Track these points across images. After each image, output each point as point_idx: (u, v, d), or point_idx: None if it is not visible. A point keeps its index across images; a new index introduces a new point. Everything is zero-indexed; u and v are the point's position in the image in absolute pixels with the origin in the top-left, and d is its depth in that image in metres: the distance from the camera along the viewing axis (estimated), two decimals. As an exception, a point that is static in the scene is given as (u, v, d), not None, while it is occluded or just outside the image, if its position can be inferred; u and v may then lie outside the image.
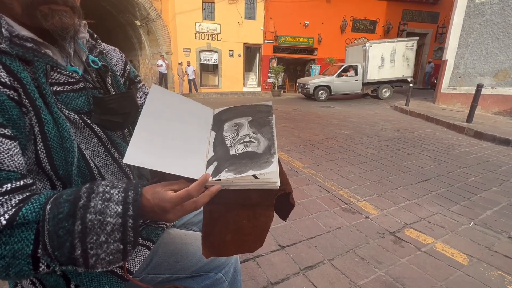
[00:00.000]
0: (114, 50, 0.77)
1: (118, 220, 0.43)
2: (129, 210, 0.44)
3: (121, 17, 14.11)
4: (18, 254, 0.41)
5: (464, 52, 7.51)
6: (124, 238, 0.44)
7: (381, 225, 1.96)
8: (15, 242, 0.40)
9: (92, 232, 0.42)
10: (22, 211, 0.41)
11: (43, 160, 0.49)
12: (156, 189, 0.48)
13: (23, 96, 0.47)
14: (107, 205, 0.44)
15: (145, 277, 0.66)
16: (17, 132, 0.46)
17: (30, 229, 0.42)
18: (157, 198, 0.47)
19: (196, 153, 0.56)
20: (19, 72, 0.47)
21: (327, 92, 10.75)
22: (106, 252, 0.43)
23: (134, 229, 0.44)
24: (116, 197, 0.45)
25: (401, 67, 10.98)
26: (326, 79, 10.78)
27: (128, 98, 0.67)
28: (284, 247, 1.69)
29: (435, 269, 1.52)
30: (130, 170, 0.67)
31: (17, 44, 0.48)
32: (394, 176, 2.90)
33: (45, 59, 0.52)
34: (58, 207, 0.42)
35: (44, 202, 0.44)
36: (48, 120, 0.49)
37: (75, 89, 0.57)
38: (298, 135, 4.77)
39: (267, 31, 13.83)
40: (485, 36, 7.03)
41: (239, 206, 0.60)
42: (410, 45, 10.80)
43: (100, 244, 0.43)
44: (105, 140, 0.62)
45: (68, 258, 0.42)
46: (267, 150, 0.55)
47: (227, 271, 0.72)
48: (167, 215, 0.48)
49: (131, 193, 0.46)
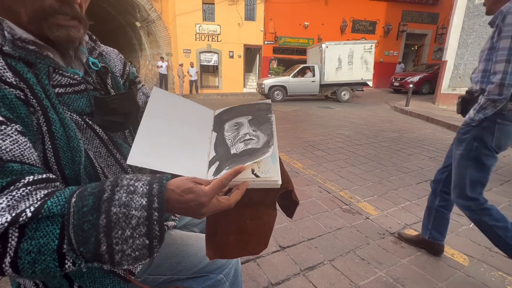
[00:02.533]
0: (113, 52, 0.77)
1: (143, 213, 0.42)
2: (154, 202, 0.43)
3: (122, 18, 14.13)
4: (44, 249, 0.40)
5: (464, 53, 7.52)
6: (149, 232, 0.42)
7: (381, 225, 1.96)
8: (40, 237, 0.39)
9: (117, 226, 0.41)
10: (48, 204, 0.41)
11: (50, 159, 0.50)
12: (186, 183, 0.46)
13: (30, 96, 0.47)
14: (131, 197, 0.43)
15: (146, 278, 0.66)
16: (26, 130, 0.46)
17: (56, 223, 0.41)
18: (193, 193, 0.45)
19: (198, 154, 0.57)
20: (24, 73, 0.48)
21: (283, 93, 10.65)
22: (132, 248, 0.42)
23: (159, 222, 0.43)
24: (141, 189, 0.44)
25: (360, 69, 10.78)
26: (282, 79, 10.73)
27: (129, 98, 0.68)
28: (285, 248, 1.69)
29: (435, 270, 1.52)
30: (132, 171, 0.68)
31: (19, 47, 0.49)
32: (394, 177, 2.90)
33: (47, 61, 0.52)
34: (83, 200, 0.41)
35: (69, 195, 0.43)
36: (55, 119, 0.50)
37: (76, 91, 0.58)
38: (298, 136, 4.77)
39: (267, 32, 13.85)
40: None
41: (241, 205, 0.61)
42: (368, 47, 10.62)
43: (126, 239, 0.41)
44: (107, 141, 0.62)
45: (93, 255, 0.41)
46: (266, 144, 0.56)
47: (228, 272, 0.72)
48: (201, 209, 0.47)
49: (156, 185, 0.44)
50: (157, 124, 0.56)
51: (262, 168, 0.54)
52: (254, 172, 0.53)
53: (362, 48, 10.63)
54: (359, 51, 10.61)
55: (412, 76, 12.29)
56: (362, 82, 10.92)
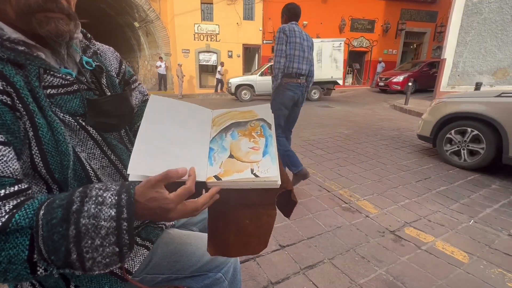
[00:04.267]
0: (109, 50, 0.76)
1: (113, 224, 0.43)
2: (123, 213, 0.44)
3: (120, 18, 14.12)
4: (14, 259, 0.41)
5: (463, 51, 7.51)
6: (119, 241, 0.44)
7: (381, 224, 1.96)
8: (10, 248, 0.41)
9: (87, 236, 0.42)
10: (15, 217, 0.41)
11: (39, 164, 0.49)
12: (151, 193, 0.47)
13: (17, 100, 0.47)
14: (100, 208, 0.43)
15: (144, 277, 0.66)
16: (12, 137, 0.45)
17: (25, 234, 0.42)
18: (156, 201, 0.46)
19: (196, 156, 0.56)
20: (11, 77, 0.47)
21: (250, 92, 10.43)
22: (102, 255, 0.43)
23: (129, 232, 0.44)
24: (109, 200, 0.44)
25: (330, 68, 10.45)
26: (249, 78, 10.49)
27: (123, 100, 0.67)
28: (285, 246, 1.69)
29: (435, 267, 1.52)
30: (126, 171, 0.67)
31: (8, 48, 0.48)
32: (393, 175, 2.90)
33: (38, 62, 0.51)
34: (51, 213, 0.42)
35: (37, 207, 0.43)
36: (42, 124, 0.49)
37: (69, 92, 0.57)
38: (297, 134, 4.77)
39: (265, 31, 13.84)
40: (484, 35, 7.03)
41: (240, 206, 0.61)
42: (337, 45, 10.34)
43: (96, 247, 0.42)
44: (100, 142, 0.62)
45: (64, 262, 0.42)
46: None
47: (226, 271, 0.72)
48: (168, 215, 0.48)
49: (124, 195, 0.45)
50: (154, 131, 0.56)
51: (262, 168, 0.53)
52: (254, 172, 0.53)
53: (331, 46, 10.36)
54: (328, 49, 10.33)
55: (396, 76, 11.87)
56: (332, 81, 10.62)
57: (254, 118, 0.64)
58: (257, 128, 0.61)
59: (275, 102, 2.44)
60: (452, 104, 3.31)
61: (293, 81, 2.41)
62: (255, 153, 0.56)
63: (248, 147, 0.57)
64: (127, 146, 0.70)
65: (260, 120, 0.63)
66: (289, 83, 2.40)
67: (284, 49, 2.31)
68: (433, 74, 10.97)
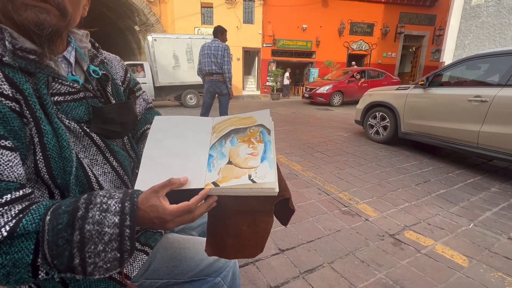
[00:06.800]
0: (115, 58, 0.79)
1: (116, 230, 0.45)
2: (126, 220, 0.46)
3: (120, 22, 14.18)
4: (18, 263, 0.42)
5: (462, 54, 7.55)
6: (121, 247, 0.45)
7: (380, 227, 1.96)
8: (15, 252, 0.41)
9: (90, 241, 0.43)
10: (23, 222, 0.42)
11: (42, 169, 0.50)
12: (153, 200, 0.49)
13: (25, 107, 0.48)
14: (104, 215, 0.45)
15: (143, 282, 0.66)
16: (18, 143, 0.46)
17: (30, 239, 0.43)
18: (156, 211, 0.48)
19: (197, 165, 0.58)
20: (21, 84, 0.48)
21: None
22: (104, 261, 0.45)
23: (130, 238, 0.46)
24: (113, 207, 0.46)
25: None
26: None
27: (127, 108, 0.69)
28: (284, 250, 1.69)
29: (435, 271, 1.52)
30: (128, 178, 0.68)
31: (20, 57, 0.49)
32: (393, 178, 2.90)
33: (47, 70, 0.53)
34: (57, 218, 0.43)
35: (43, 213, 0.45)
36: (47, 130, 0.50)
37: (75, 99, 0.59)
38: (297, 138, 4.78)
39: (265, 35, 13.91)
40: (482, 38, 7.08)
41: (238, 212, 0.61)
42: None
43: (98, 253, 0.44)
44: (103, 148, 0.63)
45: (67, 267, 0.43)
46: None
47: (225, 275, 0.72)
48: (165, 225, 0.50)
49: (128, 203, 0.47)
50: (158, 149, 0.60)
51: (259, 173, 0.54)
52: (251, 177, 0.53)
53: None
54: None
55: (320, 86, 10.31)
56: None
57: (253, 124, 0.64)
58: (256, 134, 0.61)
59: None
60: (372, 95, 4.63)
61: (207, 78, 4.25)
62: (253, 159, 0.56)
63: (247, 153, 0.58)
64: (129, 152, 0.72)
65: (259, 126, 0.63)
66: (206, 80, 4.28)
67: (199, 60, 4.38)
68: (362, 84, 10.12)
